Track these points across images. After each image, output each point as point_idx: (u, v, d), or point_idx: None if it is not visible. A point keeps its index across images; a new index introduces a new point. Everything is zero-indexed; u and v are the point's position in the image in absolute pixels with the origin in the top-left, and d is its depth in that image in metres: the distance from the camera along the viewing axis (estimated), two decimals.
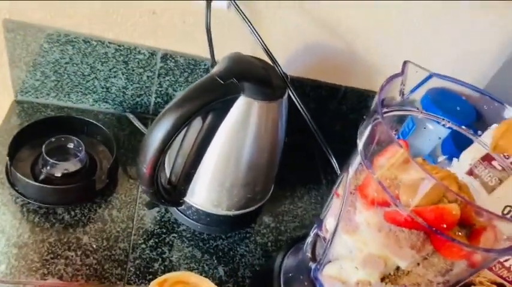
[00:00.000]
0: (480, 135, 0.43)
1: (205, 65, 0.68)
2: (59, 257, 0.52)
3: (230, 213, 0.57)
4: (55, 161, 0.56)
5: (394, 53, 0.71)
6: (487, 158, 0.44)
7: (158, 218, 0.60)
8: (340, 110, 0.77)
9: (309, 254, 0.40)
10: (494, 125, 0.43)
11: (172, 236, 0.58)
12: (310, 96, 0.74)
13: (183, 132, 0.48)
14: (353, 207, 0.32)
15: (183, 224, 0.60)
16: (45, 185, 0.54)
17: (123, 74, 0.67)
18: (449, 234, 0.27)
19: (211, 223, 0.59)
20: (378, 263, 0.30)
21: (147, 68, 0.67)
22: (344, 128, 0.80)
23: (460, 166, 0.45)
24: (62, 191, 0.55)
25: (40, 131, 0.61)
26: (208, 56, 0.67)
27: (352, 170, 0.32)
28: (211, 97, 0.46)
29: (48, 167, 0.57)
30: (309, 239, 0.41)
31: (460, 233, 0.28)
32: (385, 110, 0.36)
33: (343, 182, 0.35)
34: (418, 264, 0.29)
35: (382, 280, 0.31)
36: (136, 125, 0.70)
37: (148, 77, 0.68)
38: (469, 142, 0.57)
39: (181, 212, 0.59)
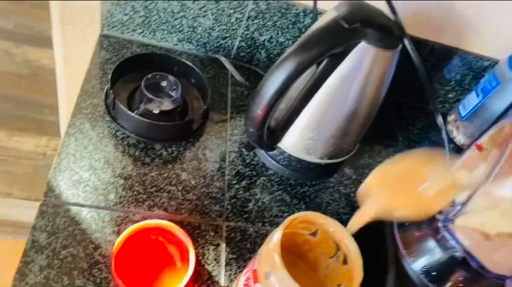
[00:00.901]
0: None
1: (296, 9, 0.66)
2: (161, 190, 0.53)
3: (322, 161, 0.58)
4: (154, 97, 0.57)
5: (490, 11, 0.68)
6: None
7: (247, 161, 0.61)
8: (424, 66, 0.75)
9: None
10: None
11: (262, 179, 0.60)
12: None
13: None
14: None
15: (270, 168, 0.61)
16: (146, 120, 0.55)
17: (212, 14, 0.66)
18: None
19: (301, 170, 0.59)
20: None
21: (237, 9, 0.65)
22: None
23: None
24: (162, 128, 0.56)
25: (132, 67, 0.61)
26: (300, 1, 0.65)
27: None
28: (336, 41, 0.45)
29: (146, 103, 0.57)
30: None
31: None
32: None
33: (494, 134, 0.35)
34: None
35: None
36: (229, 68, 0.69)
37: (237, 18, 0.67)
38: None
39: (271, 157, 0.60)
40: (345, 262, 0.41)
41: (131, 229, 0.45)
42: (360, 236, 0.53)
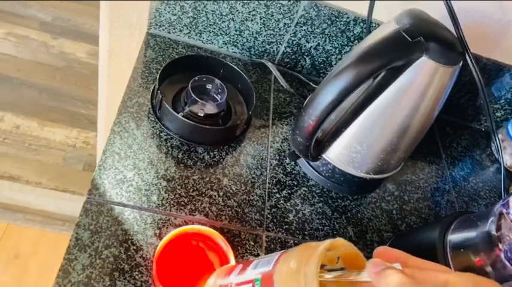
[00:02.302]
0: None
1: (348, 17, 0.64)
2: (203, 195, 0.53)
3: (367, 176, 0.56)
4: (200, 100, 0.56)
5: None
6: None
7: (288, 170, 0.60)
8: (472, 81, 0.72)
9: (494, 233, 0.38)
10: None
11: (303, 190, 0.58)
12: None
13: None
14: None
15: (312, 179, 0.60)
16: (191, 122, 0.54)
17: (261, 19, 0.65)
18: None
19: (344, 183, 0.58)
20: None
21: (287, 14, 0.64)
22: (469, 101, 0.75)
23: None
24: (206, 131, 0.55)
25: (179, 68, 0.60)
26: (353, 9, 0.63)
27: None
28: (398, 54, 0.43)
29: (191, 105, 0.57)
30: (493, 218, 0.39)
31: None
32: None
33: None
34: None
35: None
36: (275, 74, 0.68)
37: (285, 24, 0.66)
38: None
39: (313, 168, 0.58)
40: None
41: (173, 233, 0.45)
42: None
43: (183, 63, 0.61)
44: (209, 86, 0.60)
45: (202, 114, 0.57)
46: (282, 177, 0.58)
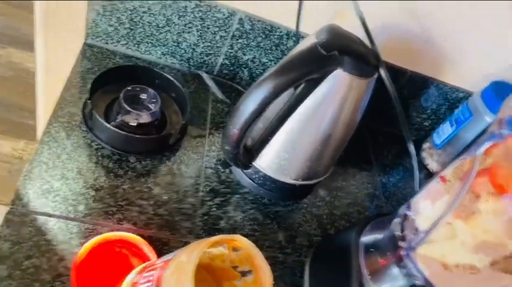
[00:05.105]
0: None
1: (280, 32, 0.67)
2: (132, 204, 0.53)
3: (296, 182, 0.58)
4: (131, 110, 0.57)
5: (467, 45, 0.70)
6: None
7: (223, 178, 0.61)
8: (401, 94, 0.77)
9: (398, 233, 0.41)
10: None
11: (236, 197, 0.60)
12: None
13: None
14: (473, 193, 0.33)
15: (245, 187, 0.61)
16: (122, 132, 0.55)
17: (197, 31, 0.67)
18: None
19: (275, 190, 0.60)
20: (493, 250, 0.32)
21: (222, 27, 0.66)
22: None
23: None
24: (138, 140, 0.56)
25: (112, 78, 0.61)
26: (285, 24, 0.66)
27: (477, 155, 0.33)
28: (313, 67, 0.46)
29: (123, 115, 0.57)
30: (398, 219, 0.42)
31: None
32: None
33: (457, 167, 0.36)
34: None
35: (492, 265, 0.33)
36: (210, 85, 0.70)
37: (221, 37, 0.68)
38: None
39: (247, 176, 0.60)
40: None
41: (94, 240, 0.45)
42: (326, 261, 0.53)
43: (117, 74, 0.61)
44: (143, 96, 0.60)
45: (135, 124, 0.57)
46: (216, 185, 0.60)
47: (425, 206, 0.40)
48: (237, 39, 0.68)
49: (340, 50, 0.47)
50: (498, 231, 0.31)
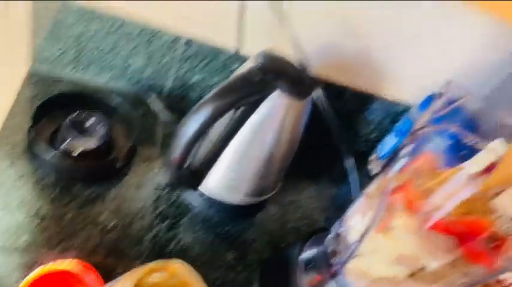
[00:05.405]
0: None
1: (226, 54, 0.69)
2: (78, 232, 0.53)
3: (242, 202, 0.60)
4: (77, 136, 0.57)
5: (406, 61, 0.74)
6: None
7: (173, 200, 0.62)
8: (345, 108, 0.80)
9: (331, 249, 0.43)
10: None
11: (187, 219, 0.60)
12: None
13: None
14: (390, 208, 0.35)
15: (196, 207, 0.62)
16: (66, 160, 0.55)
17: (144, 54, 0.68)
18: (481, 243, 0.31)
19: (223, 210, 0.61)
20: (410, 262, 0.34)
21: (168, 51, 0.68)
22: (347, 127, 0.83)
23: None
24: (83, 167, 0.56)
25: (58, 105, 0.61)
26: (229, 47, 0.68)
27: (392, 173, 0.36)
28: (249, 90, 0.48)
29: (69, 142, 0.57)
30: (331, 235, 0.44)
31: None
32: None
33: (378, 184, 0.38)
34: (446, 265, 0.33)
35: (410, 276, 0.35)
36: (157, 107, 0.70)
37: (168, 60, 0.69)
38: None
39: (196, 197, 0.61)
40: None
41: (36, 272, 0.44)
42: (272, 278, 0.55)
43: (63, 100, 0.61)
44: (89, 122, 0.60)
45: (80, 150, 0.57)
46: (165, 208, 0.60)
47: (356, 220, 0.42)
48: (184, 63, 0.69)
49: (276, 73, 0.49)
50: (412, 245, 0.34)
